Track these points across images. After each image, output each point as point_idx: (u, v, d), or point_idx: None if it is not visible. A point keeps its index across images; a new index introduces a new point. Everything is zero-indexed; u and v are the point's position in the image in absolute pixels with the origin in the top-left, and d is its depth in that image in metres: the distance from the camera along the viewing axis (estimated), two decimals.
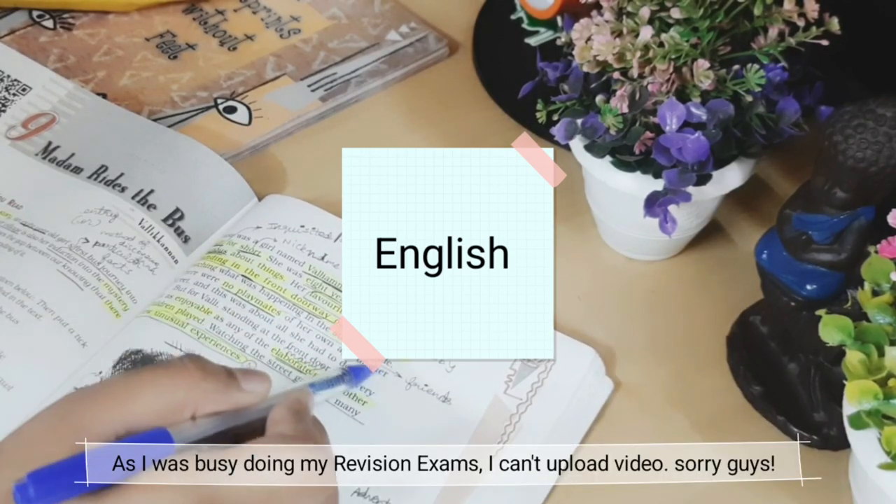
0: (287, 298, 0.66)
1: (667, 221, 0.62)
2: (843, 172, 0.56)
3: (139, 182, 0.71)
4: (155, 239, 0.68)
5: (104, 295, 0.65)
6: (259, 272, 0.67)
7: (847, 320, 0.55)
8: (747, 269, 0.64)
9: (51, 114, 0.75)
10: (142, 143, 0.73)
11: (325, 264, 0.68)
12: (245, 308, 0.65)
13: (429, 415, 0.62)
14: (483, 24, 0.85)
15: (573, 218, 0.72)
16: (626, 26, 0.61)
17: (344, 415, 0.61)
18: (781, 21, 0.62)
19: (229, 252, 0.68)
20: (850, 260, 0.58)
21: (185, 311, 0.65)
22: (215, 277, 0.67)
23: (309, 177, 0.75)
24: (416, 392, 0.63)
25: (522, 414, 0.62)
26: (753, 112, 0.62)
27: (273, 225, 0.69)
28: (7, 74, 0.78)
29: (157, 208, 0.70)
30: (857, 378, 0.53)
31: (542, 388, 0.63)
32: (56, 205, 0.70)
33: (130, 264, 0.67)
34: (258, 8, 0.86)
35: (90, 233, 0.68)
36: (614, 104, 0.62)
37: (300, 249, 0.68)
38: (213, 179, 0.72)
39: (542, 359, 0.63)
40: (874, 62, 0.74)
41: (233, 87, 0.80)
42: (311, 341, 0.64)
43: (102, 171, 0.72)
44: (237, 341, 0.64)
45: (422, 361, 0.63)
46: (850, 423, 0.53)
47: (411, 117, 0.79)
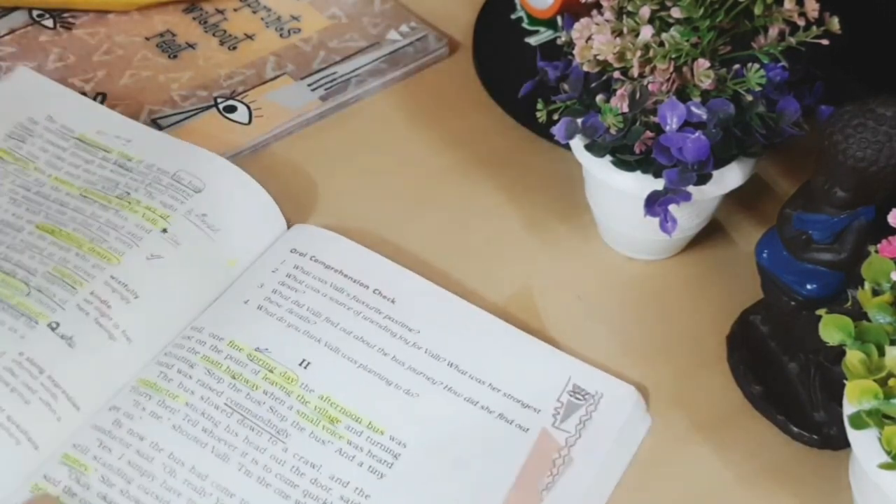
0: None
1: (667, 221, 0.62)
2: (844, 172, 0.56)
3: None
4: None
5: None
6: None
7: (847, 320, 0.55)
8: (747, 269, 0.64)
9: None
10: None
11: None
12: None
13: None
14: (483, 24, 0.85)
15: (573, 218, 0.73)
16: (627, 26, 0.61)
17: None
18: (782, 20, 0.62)
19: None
20: (851, 259, 0.58)
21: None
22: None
23: (309, 177, 0.75)
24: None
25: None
26: (754, 112, 0.62)
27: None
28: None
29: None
30: (858, 378, 0.53)
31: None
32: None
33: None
34: (258, 7, 0.86)
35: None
36: (614, 104, 0.62)
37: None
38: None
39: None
40: (874, 62, 0.74)
41: (233, 86, 0.80)
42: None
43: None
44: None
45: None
46: (850, 423, 0.53)
47: (411, 117, 0.79)
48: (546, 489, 0.59)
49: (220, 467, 0.59)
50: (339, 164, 0.76)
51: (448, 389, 0.63)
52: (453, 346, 0.65)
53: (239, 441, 0.60)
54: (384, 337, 0.65)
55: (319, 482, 0.59)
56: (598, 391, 0.63)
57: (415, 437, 0.61)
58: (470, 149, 0.77)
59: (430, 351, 0.65)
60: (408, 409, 0.62)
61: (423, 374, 0.63)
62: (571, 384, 0.63)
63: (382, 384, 0.63)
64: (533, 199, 0.74)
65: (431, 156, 0.77)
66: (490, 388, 0.63)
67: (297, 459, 0.59)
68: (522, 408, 0.62)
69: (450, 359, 0.64)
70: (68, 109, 0.76)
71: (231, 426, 0.60)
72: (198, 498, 0.58)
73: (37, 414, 0.59)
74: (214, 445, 0.60)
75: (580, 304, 0.69)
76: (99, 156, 0.73)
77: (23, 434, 0.59)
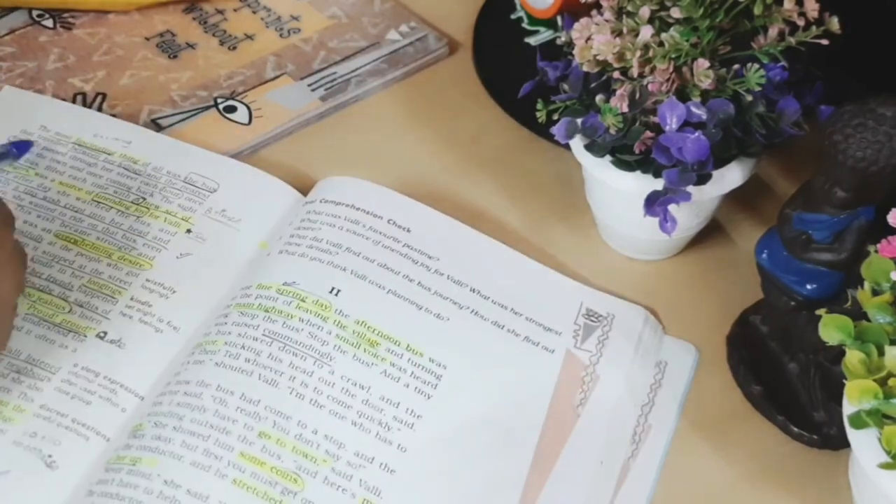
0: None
1: (667, 221, 0.62)
2: (844, 172, 0.56)
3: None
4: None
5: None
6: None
7: (847, 320, 0.55)
8: (747, 269, 0.65)
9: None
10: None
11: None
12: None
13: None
14: (483, 24, 0.85)
15: (573, 218, 0.73)
16: (626, 26, 0.61)
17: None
18: (781, 20, 0.62)
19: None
20: (850, 259, 0.58)
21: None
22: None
23: (309, 177, 0.75)
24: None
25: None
26: (753, 111, 0.62)
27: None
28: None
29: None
30: (857, 377, 0.53)
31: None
32: None
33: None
34: (258, 7, 0.86)
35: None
36: (614, 104, 0.62)
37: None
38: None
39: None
40: (874, 62, 0.74)
41: (233, 86, 0.80)
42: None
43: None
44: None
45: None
46: (850, 423, 0.53)
47: (411, 117, 0.79)
48: (580, 404, 0.62)
49: (271, 392, 0.60)
50: (338, 165, 0.76)
51: (475, 314, 0.65)
52: (472, 273, 0.67)
53: (284, 367, 0.61)
54: (406, 264, 0.67)
55: (371, 403, 0.60)
56: (610, 313, 0.66)
57: (453, 358, 0.63)
58: (470, 149, 0.77)
59: (451, 277, 0.67)
60: (441, 332, 0.64)
61: (450, 299, 0.65)
62: (584, 308, 0.66)
63: (413, 308, 0.65)
64: (533, 199, 0.74)
65: (431, 156, 0.77)
66: (512, 312, 0.65)
67: (345, 381, 0.61)
68: (545, 331, 0.65)
69: (472, 284, 0.66)
70: (60, 117, 0.76)
71: (273, 353, 0.61)
72: (253, 422, 0.59)
73: (100, 411, 0.60)
74: (260, 373, 0.60)
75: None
76: (101, 158, 0.72)
77: (91, 430, 0.59)
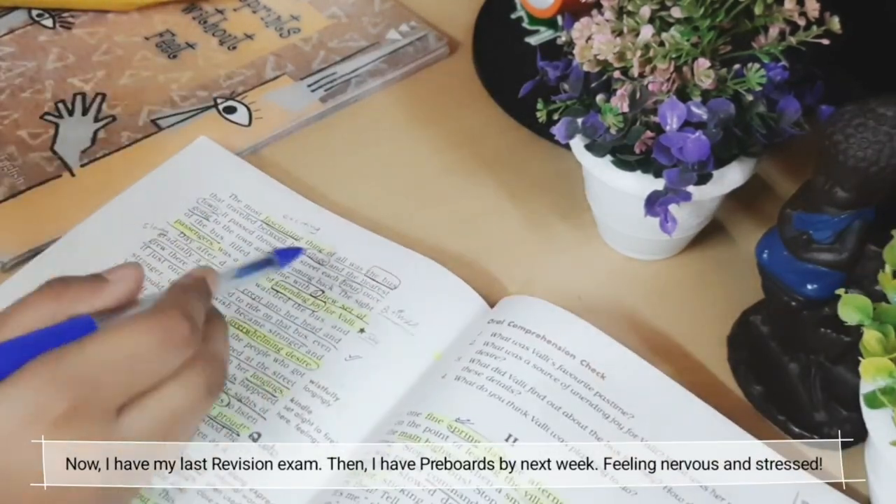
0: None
1: (667, 221, 0.61)
2: (844, 172, 0.56)
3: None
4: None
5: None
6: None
7: (866, 300, 0.54)
8: (748, 269, 0.64)
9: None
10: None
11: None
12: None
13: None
14: (483, 24, 0.85)
15: (573, 218, 0.72)
16: (627, 25, 0.61)
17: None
18: (782, 20, 0.62)
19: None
20: (851, 259, 0.58)
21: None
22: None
23: (309, 177, 0.74)
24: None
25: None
26: (754, 111, 0.62)
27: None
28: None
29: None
30: (874, 357, 0.53)
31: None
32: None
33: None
34: (258, 7, 0.86)
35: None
36: (615, 103, 0.62)
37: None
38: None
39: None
40: (874, 62, 0.74)
41: (232, 86, 0.80)
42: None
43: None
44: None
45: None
46: (865, 402, 0.54)
47: (411, 117, 0.79)
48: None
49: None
50: (338, 165, 0.76)
51: (668, 491, 0.56)
52: (671, 439, 0.58)
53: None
54: (596, 418, 0.59)
55: None
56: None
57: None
58: (470, 148, 0.77)
59: (646, 441, 0.58)
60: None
61: (641, 469, 0.56)
62: (800, 501, 0.57)
63: (597, 474, 0.56)
64: (533, 199, 0.74)
65: (431, 156, 0.77)
66: (713, 496, 0.57)
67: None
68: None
69: (669, 454, 0.57)
70: (252, 188, 0.73)
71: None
72: None
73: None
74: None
75: (580, 305, 0.69)
76: (287, 244, 0.70)
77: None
